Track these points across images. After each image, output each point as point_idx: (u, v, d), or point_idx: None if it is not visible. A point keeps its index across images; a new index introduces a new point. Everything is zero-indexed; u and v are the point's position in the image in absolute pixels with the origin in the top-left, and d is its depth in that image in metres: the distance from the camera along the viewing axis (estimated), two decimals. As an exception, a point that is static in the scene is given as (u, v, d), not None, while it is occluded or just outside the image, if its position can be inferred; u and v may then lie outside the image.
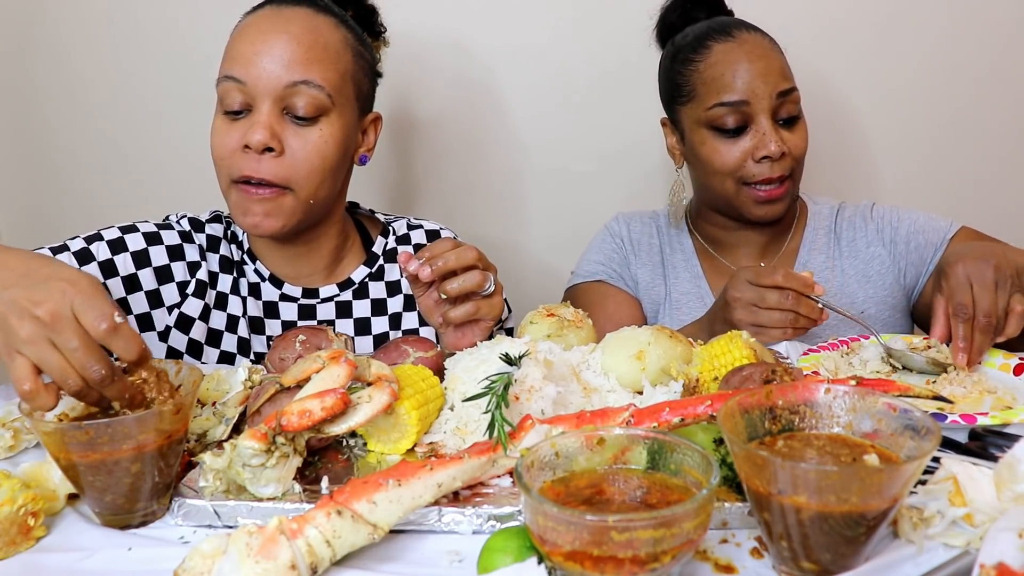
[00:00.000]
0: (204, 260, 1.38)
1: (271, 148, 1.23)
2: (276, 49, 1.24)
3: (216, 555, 0.71)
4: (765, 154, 1.47)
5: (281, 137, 1.24)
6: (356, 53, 1.34)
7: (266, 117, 1.23)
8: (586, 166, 1.98)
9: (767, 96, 1.47)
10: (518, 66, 1.94)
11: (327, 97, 1.26)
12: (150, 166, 2.06)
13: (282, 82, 1.24)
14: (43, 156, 2.11)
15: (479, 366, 1.01)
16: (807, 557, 0.71)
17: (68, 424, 0.84)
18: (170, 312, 1.36)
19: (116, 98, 2.03)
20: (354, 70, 1.33)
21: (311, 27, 1.28)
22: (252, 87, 1.24)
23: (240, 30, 1.30)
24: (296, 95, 1.24)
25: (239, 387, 1.07)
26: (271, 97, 1.24)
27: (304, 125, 1.26)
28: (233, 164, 1.25)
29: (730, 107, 1.48)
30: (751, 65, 1.48)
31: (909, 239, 1.59)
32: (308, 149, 1.26)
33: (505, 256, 1.97)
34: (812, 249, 1.65)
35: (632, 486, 0.76)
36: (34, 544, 0.82)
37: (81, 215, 2.11)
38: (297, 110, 1.25)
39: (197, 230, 1.41)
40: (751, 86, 1.47)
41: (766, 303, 1.27)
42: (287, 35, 1.25)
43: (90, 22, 1.99)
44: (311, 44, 1.26)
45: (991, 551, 0.67)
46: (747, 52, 1.50)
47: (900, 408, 0.76)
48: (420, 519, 0.82)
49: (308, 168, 1.26)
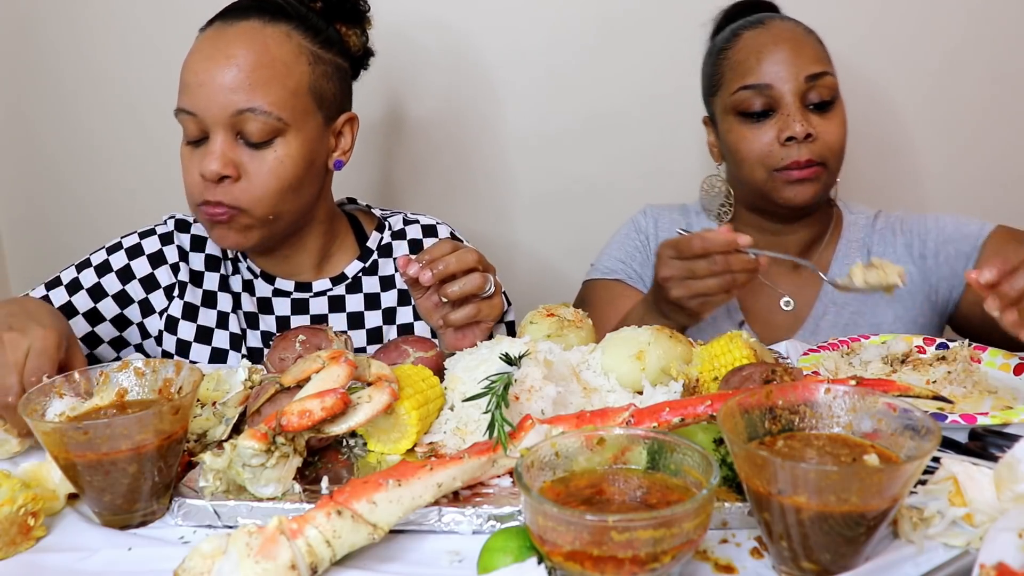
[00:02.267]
0: (185, 261, 1.41)
1: (228, 175, 1.24)
2: (218, 78, 1.23)
3: (216, 555, 0.71)
4: (790, 135, 1.41)
5: (237, 163, 1.25)
6: (313, 60, 1.30)
7: (219, 146, 1.24)
8: (585, 167, 1.98)
9: (793, 78, 1.42)
10: (514, 63, 1.93)
11: (276, 120, 1.24)
12: (150, 166, 2.06)
13: (227, 111, 1.23)
14: (43, 156, 2.11)
15: (479, 366, 1.01)
16: (807, 557, 0.71)
17: (67, 424, 0.84)
18: (161, 316, 1.40)
19: (116, 99, 2.02)
20: (312, 80, 1.29)
21: (255, 47, 1.25)
22: (202, 117, 1.24)
23: (188, 57, 1.29)
24: (244, 122, 1.23)
25: (239, 387, 1.07)
26: (221, 126, 1.24)
27: (259, 149, 1.25)
28: (195, 191, 1.28)
29: (754, 90, 1.44)
30: (776, 48, 1.45)
31: (938, 251, 1.50)
32: (264, 172, 1.25)
33: (502, 254, 1.97)
34: (845, 263, 1.56)
35: (632, 486, 0.76)
36: (34, 544, 0.83)
37: (80, 215, 2.11)
38: (249, 136, 1.24)
39: (182, 230, 1.43)
40: (776, 69, 1.43)
41: (697, 273, 1.23)
42: (228, 61, 1.23)
43: (90, 23, 1.99)
44: (253, 66, 1.23)
45: (991, 551, 0.67)
46: (774, 36, 1.47)
47: (900, 408, 0.76)
48: (420, 519, 0.82)
49: (264, 190, 1.26)
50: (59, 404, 0.91)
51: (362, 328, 1.46)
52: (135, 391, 0.94)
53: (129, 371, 0.95)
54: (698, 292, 1.24)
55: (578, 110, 1.94)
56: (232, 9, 1.30)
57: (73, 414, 0.91)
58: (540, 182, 2.00)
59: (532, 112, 1.95)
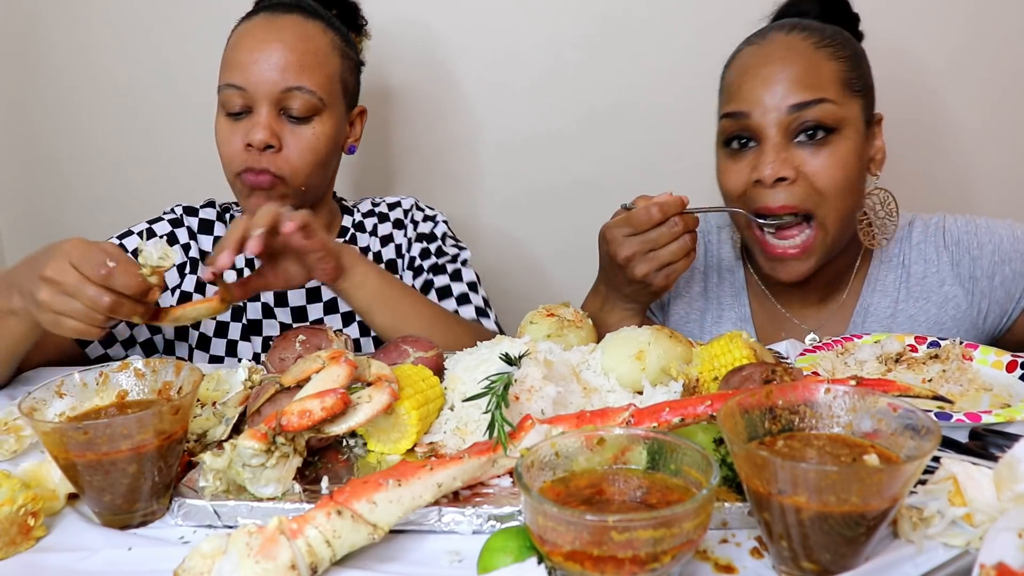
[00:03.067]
0: (195, 240, 1.51)
1: (271, 145, 1.36)
2: (272, 57, 1.36)
3: (216, 555, 0.71)
4: (757, 177, 1.23)
5: (280, 135, 1.38)
6: (343, 54, 1.46)
7: (265, 118, 1.36)
8: (585, 166, 1.98)
9: (775, 108, 1.23)
10: (515, 63, 1.93)
11: (319, 100, 1.39)
12: (149, 166, 2.06)
13: (278, 87, 1.36)
14: (43, 156, 2.11)
15: (479, 366, 1.01)
16: (807, 557, 0.71)
17: (67, 424, 0.84)
18: (172, 293, 1.48)
19: (115, 99, 2.03)
20: (341, 71, 1.45)
21: (302, 34, 1.39)
22: (252, 92, 1.36)
23: (237, 39, 1.41)
24: (291, 98, 1.37)
25: (239, 387, 1.07)
26: (269, 100, 1.36)
27: (299, 124, 1.39)
28: (237, 160, 1.38)
29: (732, 119, 1.28)
30: (762, 69, 1.25)
31: (993, 272, 1.31)
32: (303, 146, 1.39)
33: (502, 254, 1.97)
34: (876, 290, 1.39)
35: (632, 486, 0.76)
36: (34, 544, 0.83)
37: (81, 215, 2.11)
38: (292, 111, 1.38)
39: (190, 215, 1.53)
40: (757, 95, 1.24)
41: (659, 242, 1.17)
42: (281, 43, 1.37)
43: (90, 23, 1.99)
44: (303, 51, 1.38)
45: (991, 551, 0.67)
46: (765, 55, 1.27)
47: (900, 408, 0.76)
48: (420, 519, 0.82)
49: (302, 162, 1.39)
50: (59, 404, 0.91)
51: (336, 313, 1.53)
52: (135, 391, 0.94)
53: (129, 372, 0.95)
54: (664, 262, 1.19)
55: (575, 108, 1.93)
56: (274, 5, 1.44)
57: (73, 414, 0.91)
58: (537, 180, 2.00)
59: (530, 110, 1.95)
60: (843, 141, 1.24)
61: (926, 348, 1.23)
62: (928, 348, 1.23)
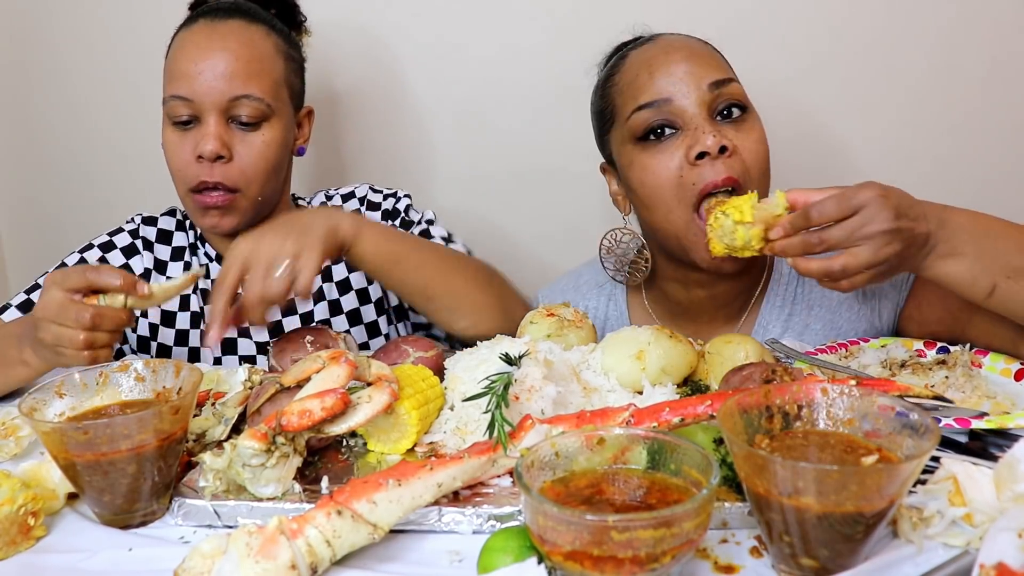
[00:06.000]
0: (151, 251, 1.51)
1: (222, 156, 1.34)
2: (218, 66, 1.33)
3: (216, 555, 0.71)
4: (701, 150, 1.19)
5: (230, 144, 1.35)
6: (287, 57, 1.43)
7: (215, 128, 1.33)
8: (584, 165, 1.97)
9: (695, 88, 1.22)
10: (517, 66, 1.93)
11: (266, 107, 1.36)
12: (149, 166, 2.04)
13: (225, 96, 1.33)
14: (43, 157, 2.11)
15: (479, 366, 1.01)
16: (806, 553, 0.71)
17: (67, 424, 0.84)
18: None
19: (115, 99, 2.02)
20: (286, 74, 1.43)
21: (246, 40, 1.37)
22: (198, 102, 1.33)
23: (179, 48, 1.37)
24: (239, 106, 1.34)
25: (239, 387, 1.07)
26: (216, 109, 1.33)
27: (249, 131, 1.36)
28: (188, 173, 1.35)
29: (651, 108, 1.23)
30: (669, 57, 1.25)
31: None
32: (254, 154, 1.37)
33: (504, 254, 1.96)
34: (773, 306, 1.37)
35: (632, 486, 0.76)
36: (34, 544, 0.83)
37: (81, 215, 2.11)
38: (241, 117, 1.35)
39: (148, 225, 1.53)
40: (673, 80, 1.22)
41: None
42: (225, 51, 1.34)
43: (88, 24, 1.99)
44: (248, 58, 1.35)
45: (991, 551, 0.67)
46: (664, 47, 1.27)
47: (899, 408, 0.76)
48: (420, 519, 0.82)
49: (254, 170, 1.37)
50: (59, 404, 0.91)
51: (294, 315, 1.51)
52: (135, 391, 0.94)
53: (129, 373, 0.95)
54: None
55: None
56: (214, 10, 1.40)
57: (73, 414, 0.91)
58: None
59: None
60: (755, 119, 1.26)
61: (935, 353, 1.23)
62: (937, 353, 1.23)
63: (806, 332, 1.36)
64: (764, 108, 1.32)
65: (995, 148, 1.87)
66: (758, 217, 1.03)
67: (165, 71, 1.38)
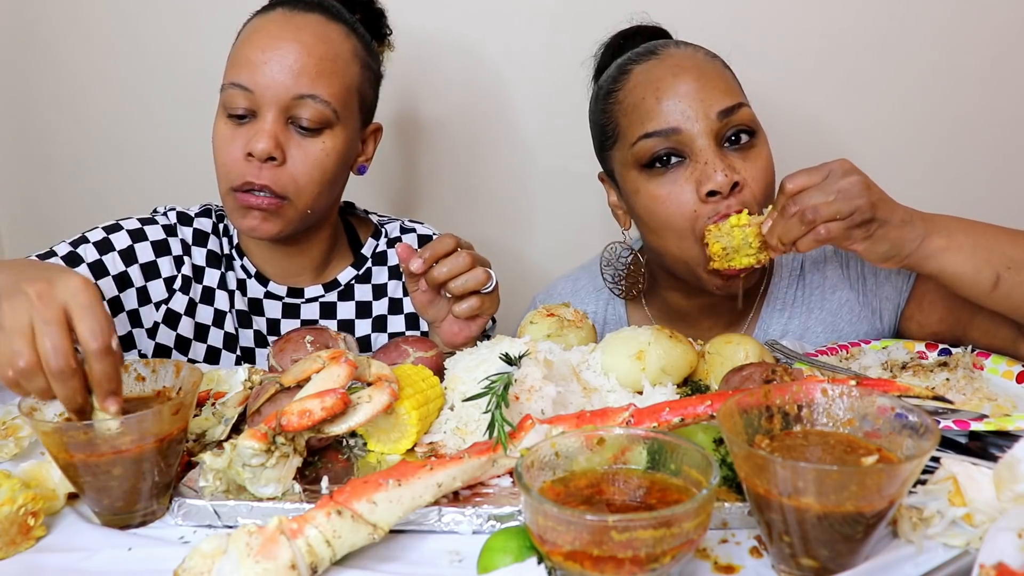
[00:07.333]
0: (188, 255, 1.38)
1: (274, 157, 1.23)
2: (287, 59, 1.22)
3: (216, 555, 0.71)
4: (712, 188, 1.16)
5: (284, 147, 1.24)
6: (364, 64, 1.32)
7: (271, 126, 1.23)
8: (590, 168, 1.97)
9: (703, 117, 1.18)
10: (523, 68, 1.92)
11: (332, 112, 1.25)
12: (149, 165, 2.06)
13: (289, 93, 1.23)
14: (43, 156, 2.11)
15: (479, 366, 1.01)
16: (806, 553, 0.71)
17: (67, 424, 0.84)
18: (157, 308, 1.37)
19: (115, 98, 2.03)
20: (360, 82, 1.31)
21: (322, 37, 1.25)
22: (259, 96, 1.23)
23: (249, 34, 1.27)
24: (301, 107, 1.23)
25: (239, 387, 1.07)
26: (277, 106, 1.23)
27: (307, 136, 1.26)
28: (235, 171, 1.25)
29: (658, 137, 1.19)
30: (677, 81, 1.20)
31: (877, 268, 1.27)
32: (309, 162, 1.26)
33: (507, 258, 1.96)
34: (773, 309, 1.37)
35: (632, 486, 0.76)
36: (34, 544, 0.82)
37: (81, 214, 2.10)
38: (302, 121, 1.24)
39: (184, 223, 1.40)
40: (680, 108, 1.18)
41: None
42: (298, 44, 1.23)
43: (88, 23, 1.99)
44: (321, 56, 1.24)
45: (991, 551, 0.67)
46: (671, 68, 1.22)
47: (899, 408, 0.76)
48: (420, 519, 0.82)
49: (307, 180, 1.26)
50: (59, 404, 0.90)
51: (352, 335, 1.46)
52: (135, 391, 0.94)
53: (129, 373, 0.95)
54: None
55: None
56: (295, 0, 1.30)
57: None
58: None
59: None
60: (762, 142, 1.24)
61: (936, 355, 1.23)
62: (939, 355, 1.22)
63: (806, 334, 1.36)
64: (764, 108, 1.32)
65: (995, 149, 1.87)
66: (753, 220, 1.13)
67: (230, 56, 1.27)
